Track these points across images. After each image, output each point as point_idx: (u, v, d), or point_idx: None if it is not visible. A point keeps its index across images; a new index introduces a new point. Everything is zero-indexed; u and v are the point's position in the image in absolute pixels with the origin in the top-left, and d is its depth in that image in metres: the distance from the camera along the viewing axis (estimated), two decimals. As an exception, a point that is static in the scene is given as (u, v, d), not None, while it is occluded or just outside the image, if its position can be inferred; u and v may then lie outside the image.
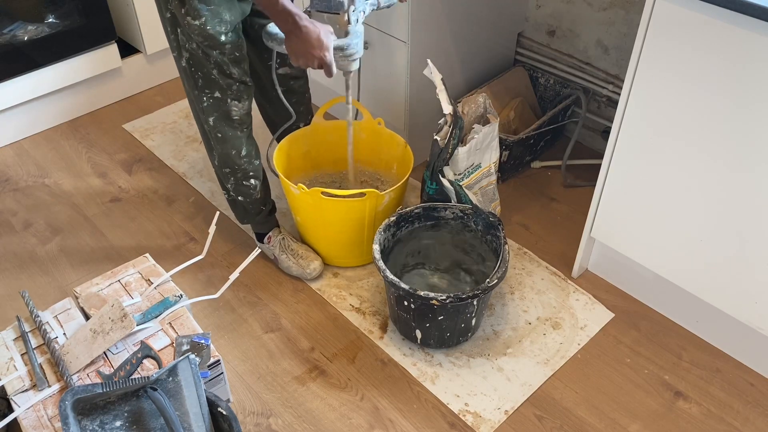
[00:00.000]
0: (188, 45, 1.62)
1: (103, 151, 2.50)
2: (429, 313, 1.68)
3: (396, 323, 1.83)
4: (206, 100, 1.71)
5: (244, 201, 1.92)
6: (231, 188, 1.90)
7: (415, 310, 1.69)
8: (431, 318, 1.69)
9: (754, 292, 1.60)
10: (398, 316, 1.77)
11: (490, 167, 2.02)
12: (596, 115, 2.39)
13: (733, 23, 1.35)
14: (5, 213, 2.26)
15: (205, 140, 1.87)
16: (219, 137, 1.77)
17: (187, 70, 1.68)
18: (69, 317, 1.59)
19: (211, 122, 1.75)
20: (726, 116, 1.45)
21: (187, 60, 1.65)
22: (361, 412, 1.68)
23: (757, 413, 1.66)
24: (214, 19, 1.56)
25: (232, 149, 1.80)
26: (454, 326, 1.73)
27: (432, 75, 1.83)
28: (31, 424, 1.38)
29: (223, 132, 1.76)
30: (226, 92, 1.69)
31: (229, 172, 1.86)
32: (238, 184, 1.88)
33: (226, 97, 1.70)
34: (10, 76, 2.39)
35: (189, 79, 1.70)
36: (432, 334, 1.75)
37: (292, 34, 1.52)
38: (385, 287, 1.78)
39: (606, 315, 1.88)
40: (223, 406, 1.38)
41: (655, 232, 1.72)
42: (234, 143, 1.79)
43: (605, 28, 2.23)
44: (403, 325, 1.79)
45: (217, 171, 1.90)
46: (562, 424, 1.64)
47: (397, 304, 1.73)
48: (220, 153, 1.81)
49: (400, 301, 1.70)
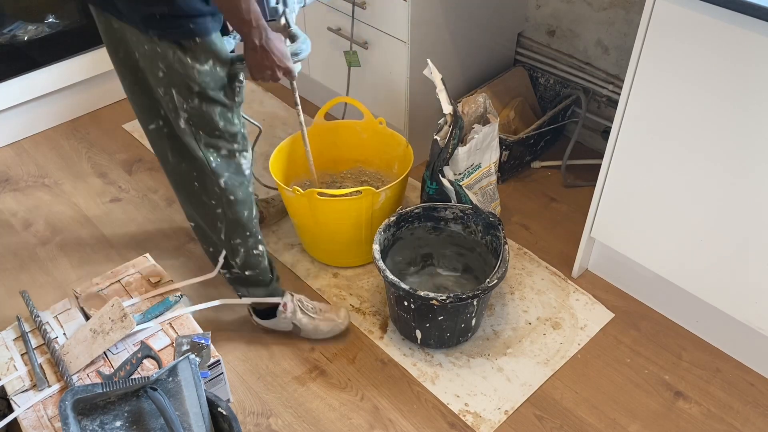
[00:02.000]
0: (187, 104, 1.43)
1: (103, 151, 2.50)
2: (429, 313, 1.68)
3: (396, 323, 1.83)
4: (214, 159, 1.51)
5: (252, 274, 1.70)
6: (239, 263, 1.67)
7: (415, 310, 1.69)
8: (431, 318, 1.69)
9: (754, 292, 1.60)
10: (398, 316, 1.77)
11: (490, 167, 2.02)
12: (596, 115, 2.39)
13: (733, 23, 1.35)
14: (5, 213, 2.26)
15: (205, 220, 1.63)
16: (231, 200, 1.56)
17: (187, 131, 1.47)
18: (69, 317, 1.59)
19: (222, 183, 1.53)
20: (726, 116, 1.45)
21: (187, 120, 1.45)
22: (361, 412, 1.68)
23: (757, 413, 1.66)
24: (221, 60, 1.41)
25: (245, 210, 1.60)
26: (454, 326, 1.73)
27: (432, 75, 1.83)
28: (31, 424, 1.39)
29: (235, 192, 1.56)
30: (232, 144, 1.52)
31: (239, 243, 1.64)
32: (247, 255, 1.66)
33: (235, 151, 1.52)
34: (10, 76, 2.39)
35: (190, 140, 1.49)
36: (432, 334, 1.75)
37: (259, 49, 1.39)
38: (385, 287, 1.78)
39: (606, 315, 1.88)
40: (223, 406, 1.38)
41: (655, 232, 1.72)
42: (247, 202, 1.60)
43: (605, 28, 2.23)
44: (403, 325, 1.79)
45: (224, 247, 1.66)
46: (562, 424, 1.64)
47: (397, 304, 1.73)
48: (231, 220, 1.60)
49: (400, 301, 1.70)
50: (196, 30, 1.34)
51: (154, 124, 1.54)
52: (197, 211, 1.64)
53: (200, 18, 1.33)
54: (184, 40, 1.34)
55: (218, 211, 1.58)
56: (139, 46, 1.38)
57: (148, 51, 1.37)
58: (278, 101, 2.73)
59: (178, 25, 1.32)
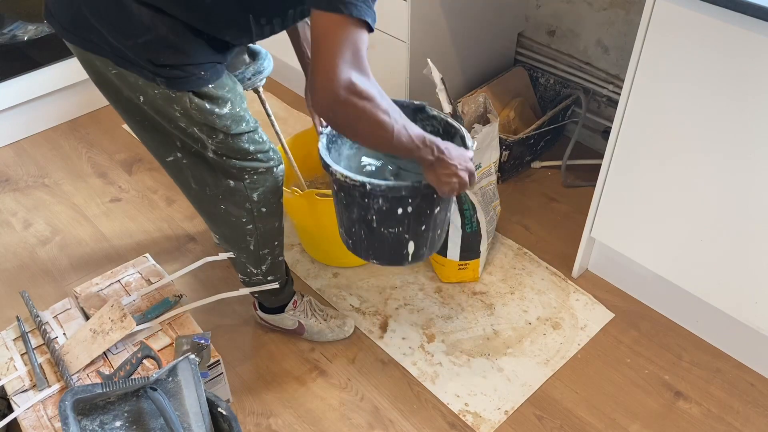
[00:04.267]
0: (212, 140, 1.36)
1: (103, 151, 2.50)
2: (428, 209, 1.44)
3: (372, 255, 1.54)
4: (248, 176, 1.44)
5: (273, 279, 1.67)
6: (264, 270, 1.62)
7: (412, 214, 1.43)
8: (428, 214, 1.46)
9: (754, 292, 1.60)
10: (378, 239, 1.49)
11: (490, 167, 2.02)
12: (596, 115, 2.39)
13: (733, 23, 1.34)
14: (5, 213, 2.26)
15: (233, 236, 1.57)
16: (264, 212, 1.51)
17: (218, 160, 1.40)
18: (69, 317, 1.59)
19: (255, 197, 1.47)
20: (726, 116, 1.45)
21: (215, 152, 1.39)
22: (361, 412, 1.68)
23: (757, 413, 1.66)
24: (237, 98, 1.36)
25: (276, 220, 1.56)
26: (444, 219, 1.53)
27: (432, 75, 1.83)
28: (31, 424, 1.39)
29: (268, 203, 1.51)
30: (268, 162, 1.45)
31: (267, 252, 1.59)
32: (274, 263, 1.63)
33: (272, 167, 1.46)
34: (10, 76, 2.40)
35: (219, 166, 1.42)
36: (426, 239, 1.50)
37: (436, 163, 1.30)
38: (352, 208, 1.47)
39: (606, 315, 1.88)
40: (223, 406, 1.38)
41: (655, 232, 1.72)
42: (279, 212, 1.56)
43: (605, 28, 2.23)
44: (385, 250, 1.51)
45: (251, 257, 1.60)
46: (562, 424, 1.64)
47: (383, 220, 1.44)
48: (263, 232, 1.55)
49: (391, 212, 1.42)
50: (206, 77, 1.29)
51: (172, 156, 1.44)
52: (222, 231, 1.59)
53: (208, 64, 1.29)
54: (198, 89, 1.29)
55: (249, 227, 1.53)
56: (147, 89, 1.30)
57: (160, 95, 1.30)
58: (277, 101, 2.73)
59: (190, 73, 1.27)
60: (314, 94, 1.15)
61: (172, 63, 1.25)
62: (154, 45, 1.23)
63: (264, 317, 1.81)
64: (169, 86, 1.28)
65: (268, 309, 1.79)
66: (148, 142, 1.47)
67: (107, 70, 1.31)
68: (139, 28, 1.22)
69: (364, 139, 1.25)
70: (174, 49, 1.24)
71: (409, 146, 1.26)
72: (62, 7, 1.29)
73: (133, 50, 1.24)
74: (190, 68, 1.27)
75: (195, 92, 1.29)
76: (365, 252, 1.55)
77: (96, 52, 1.28)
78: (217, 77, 1.31)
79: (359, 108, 1.15)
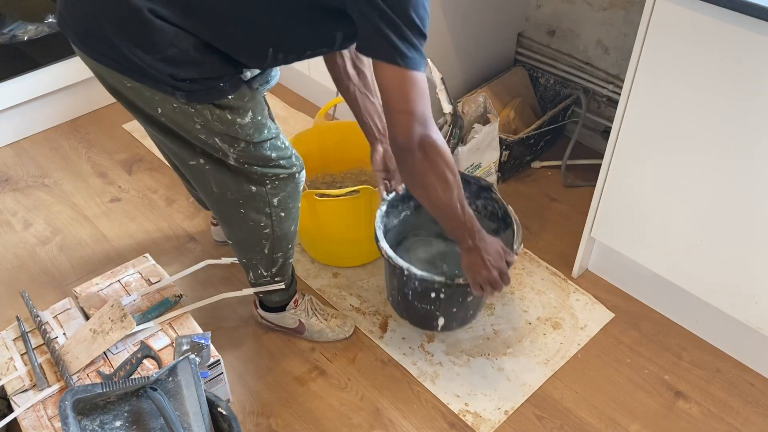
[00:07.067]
0: (233, 149, 1.38)
1: (103, 151, 2.50)
2: (459, 297, 1.66)
3: (408, 317, 1.80)
4: (270, 182, 1.46)
5: (280, 279, 1.69)
6: (273, 272, 1.65)
7: (444, 299, 1.64)
8: (461, 302, 1.68)
9: (754, 292, 1.60)
10: (414, 310, 1.72)
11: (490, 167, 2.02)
12: (596, 115, 2.39)
13: (733, 23, 1.34)
14: (5, 213, 2.26)
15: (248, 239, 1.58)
16: (282, 216, 1.54)
17: (240, 168, 1.42)
18: (69, 317, 1.59)
19: (276, 202, 1.50)
20: (726, 116, 1.45)
21: (236, 159, 1.40)
22: (361, 412, 1.68)
23: (757, 413, 1.66)
24: (257, 106, 1.39)
25: (292, 223, 1.58)
26: (477, 302, 1.74)
27: (432, 75, 1.83)
28: (31, 424, 1.39)
29: (287, 208, 1.54)
30: (291, 168, 1.48)
31: (280, 255, 1.62)
32: (284, 265, 1.65)
33: (294, 173, 1.49)
34: (10, 76, 2.39)
35: (241, 173, 1.43)
36: (456, 317, 1.74)
37: (474, 249, 1.40)
38: (396, 284, 1.71)
39: (606, 315, 1.88)
40: (223, 406, 1.38)
41: (655, 232, 1.72)
42: (296, 214, 1.59)
43: (605, 28, 2.23)
44: (420, 318, 1.75)
45: (264, 260, 1.62)
46: (562, 424, 1.64)
47: (418, 298, 1.67)
48: (279, 236, 1.57)
49: (425, 293, 1.64)
50: (225, 88, 1.31)
51: (194, 161, 1.44)
52: (237, 235, 1.59)
53: (227, 76, 1.31)
54: (218, 100, 1.31)
55: (266, 231, 1.55)
56: (165, 104, 1.31)
57: (178, 109, 1.32)
58: (277, 101, 2.73)
59: (209, 86, 1.29)
60: (392, 144, 1.29)
61: (192, 77, 1.27)
62: (176, 60, 1.25)
63: (265, 316, 1.81)
64: (189, 99, 1.29)
65: (270, 307, 1.79)
66: (167, 150, 1.49)
67: (120, 83, 1.32)
68: (161, 43, 1.23)
69: (425, 191, 1.33)
70: (195, 64, 1.26)
71: (458, 218, 1.36)
72: (79, 17, 1.28)
73: (154, 65, 1.25)
74: (210, 81, 1.29)
75: (215, 104, 1.31)
76: (401, 312, 1.82)
77: (108, 65, 1.29)
78: (236, 88, 1.33)
79: (430, 159, 1.28)
